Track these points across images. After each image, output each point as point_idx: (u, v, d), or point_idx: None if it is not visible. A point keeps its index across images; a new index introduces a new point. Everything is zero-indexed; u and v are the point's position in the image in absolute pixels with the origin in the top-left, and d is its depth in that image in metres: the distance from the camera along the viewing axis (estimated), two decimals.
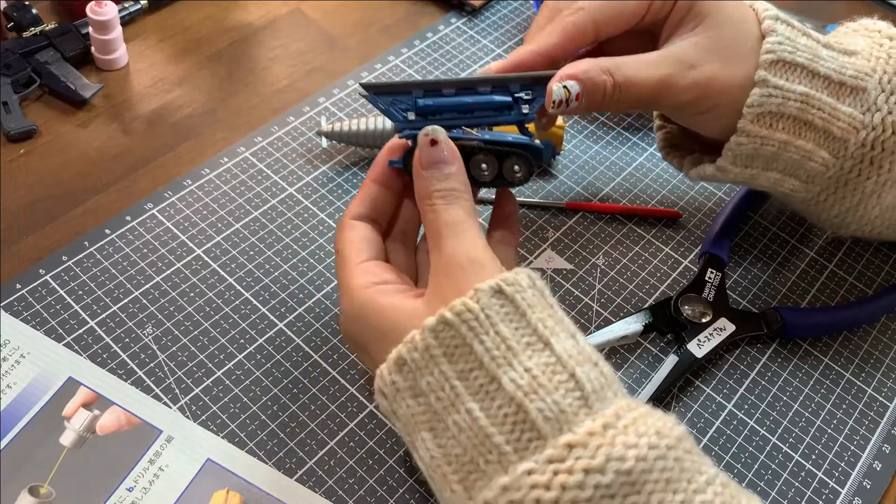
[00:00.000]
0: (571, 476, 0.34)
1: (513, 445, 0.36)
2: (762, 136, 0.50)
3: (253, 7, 0.76)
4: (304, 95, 0.69)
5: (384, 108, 0.46)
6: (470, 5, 0.77)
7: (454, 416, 0.37)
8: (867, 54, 0.52)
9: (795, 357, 0.57)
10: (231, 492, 0.47)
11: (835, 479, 0.51)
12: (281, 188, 0.63)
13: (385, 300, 0.42)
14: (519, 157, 0.46)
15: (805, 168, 0.52)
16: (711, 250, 0.59)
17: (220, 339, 0.54)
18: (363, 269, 0.44)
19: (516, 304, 0.39)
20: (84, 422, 0.49)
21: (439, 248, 0.41)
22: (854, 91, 0.51)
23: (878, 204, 0.54)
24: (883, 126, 0.51)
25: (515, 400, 0.36)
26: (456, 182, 0.43)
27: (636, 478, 0.35)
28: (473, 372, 0.37)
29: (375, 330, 0.42)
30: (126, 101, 0.67)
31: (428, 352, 0.38)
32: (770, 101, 0.49)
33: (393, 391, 0.39)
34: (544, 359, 0.38)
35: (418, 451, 0.39)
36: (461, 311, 0.38)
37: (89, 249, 0.57)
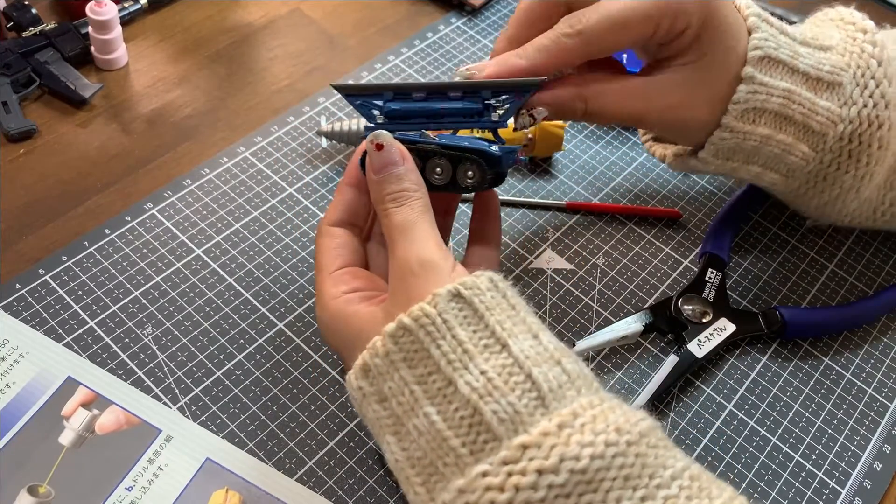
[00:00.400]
0: (524, 477, 0.35)
1: (469, 448, 0.36)
2: (745, 131, 0.50)
3: (253, 7, 0.76)
4: (303, 95, 0.69)
5: (357, 106, 0.46)
6: (470, 5, 0.77)
7: (413, 420, 0.38)
8: (842, 49, 0.53)
9: (796, 357, 0.57)
10: (230, 491, 0.47)
11: (835, 480, 0.51)
12: (281, 188, 0.62)
13: (350, 309, 0.43)
14: (473, 163, 0.46)
15: (785, 162, 0.53)
16: (711, 250, 0.59)
17: (219, 339, 0.54)
18: (335, 279, 0.44)
19: (474, 307, 0.39)
20: (83, 421, 0.49)
21: (393, 252, 0.42)
22: (831, 86, 0.51)
23: (857, 198, 0.55)
24: (860, 119, 0.52)
25: (471, 402, 0.37)
26: (407, 182, 0.43)
27: (591, 476, 0.35)
28: (432, 376, 0.38)
29: (345, 339, 0.43)
30: (126, 101, 0.67)
31: (388, 357, 0.39)
32: (755, 98, 0.49)
33: (360, 396, 0.41)
34: (501, 360, 0.38)
35: (385, 454, 0.40)
36: (419, 317, 0.39)
37: (89, 249, 0.57)
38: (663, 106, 0.49)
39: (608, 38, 0.46)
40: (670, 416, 0.53)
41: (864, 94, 0.52)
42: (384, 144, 0.43)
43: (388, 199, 0.43)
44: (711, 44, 0.48)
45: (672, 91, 0.49)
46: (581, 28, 0.46)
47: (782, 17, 0.80)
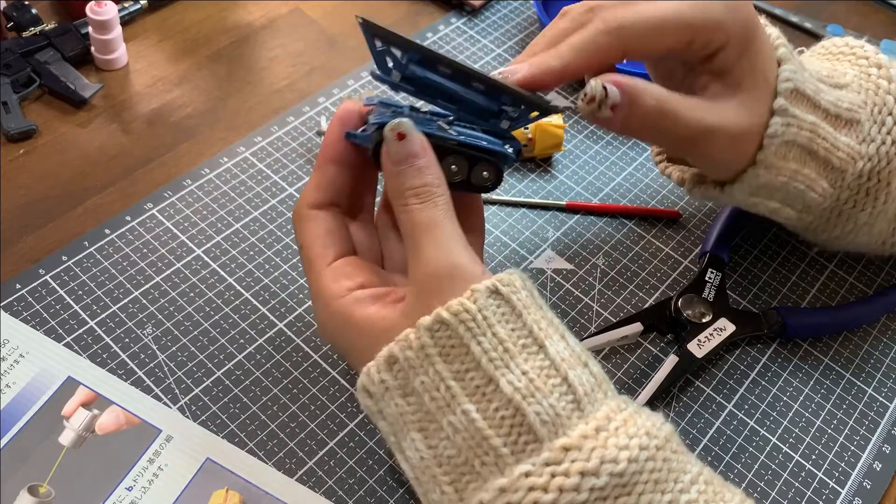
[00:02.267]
0: (568, 478, 0.35)
1: (510, 448, 0.36)
2: (778, 166, 0.49)
3: (253, 7, 0.76)
4: (303, 95, 0.69)
5: (376, 51, 0.42)
6: (470, 5, 0.77)
7: (449, 416, 0.37)
8: (857, 86, 0.52)
9: (795, 357, 0.57)
10: (230, 491, 0.47)
11: (835, 480, 0.51)
12: (281, 188, 0.62)
13: (362, 313, 0.40)
14: (490, 165, 0.44)
15: (804, 198, 0.51)
16: (712, 250, 0.59)
17: (219, 339, 0.54)
18: (335, 272, 0.42)
19: (512, 304, 0.38)
20: (83, 421, 0.49)
21: (417, 254, 0.40)
22: (849, 123, 0.51)
23: (868, 233, 0.55)
24: (878, 156, 0.51)
25: (513, 402, 0.36)
26: (430, 176, 0.40)
27: (627, 479, 0.35)
28: (469, 373, 0.37)
29: (354, 343, 0.41)
30: (126, 101, 0.67)
31: (423, 351, 0.38)
32: (789, 131, 0.48)
33: (381, 390, 0.39)
34: (539, 362, 0.37)
35: (405, 451, 0.39)
36: (458, 311, 0.37)
37: (89, 249, 0.57)
38: (732, 128, 0.46)
39: (644, 40, 0.44)
40: (670, 416, 0.53)
41: (882, 132, 0.51)
42: (406, 134, 0.41)
43: (409, 194, 0.40)
44: (752, 67, 0.46)
45: (735, 113, 0.46)
46: (616, 25, 0.43)
47: (782, 18, 0.80)
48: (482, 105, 0.44)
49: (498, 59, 0.74)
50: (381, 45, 0.42)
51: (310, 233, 0.43)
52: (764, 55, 0.47)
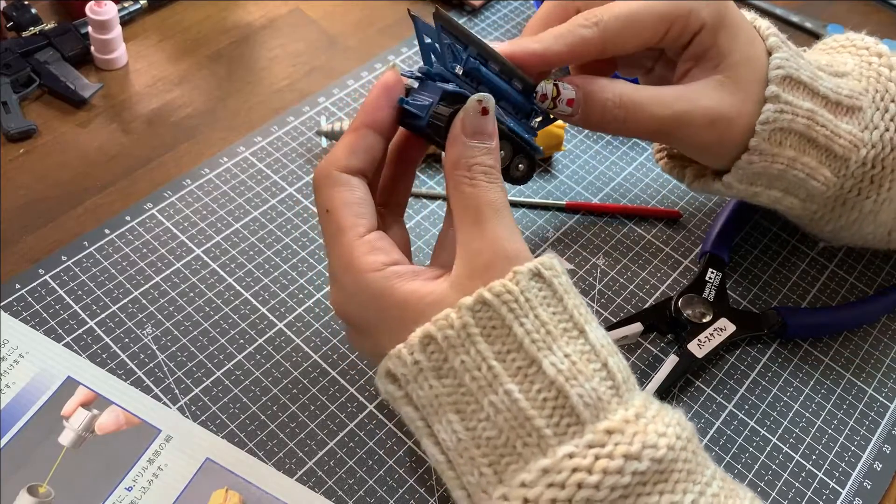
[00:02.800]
0: (612, 461, 0.35)
1: (552, 429, 0.36)
2: (773, 153, 0.49)
3: (253, 7, 0.76)
4: (303, 95, 0.69)
5: (442, 44, 0.41)
6: (470, 5, 0.77)
7: (491, 396, 0.37)
8: (857, 74, 0.52)
9: (796, 357, 0.57)
10: (230, 491, 0.47)
11: (835, 480, 0.51)
12: (281, 188, 0.62)
13: (405, 287, 0.39)
14: (526, 157, 0.45)
15: (806, 187, 0.52)
16: (712, 250, 0.59)
17: (219, 340, 0.54)
18: (369, 245, 0.40)
19: (554, 288, 0.38)
20: (83, 421, 0.49)
21: (483, 231, 0.39)
22: (851, 110, 0.51)
23: (874, 222, 0.54)
24: (882, 143, 0.51)
25: (556, 384, 0.36)
26: (496, 161, 0.40)
27: (665, 466, 0.36)
28: (511, 354, 0.37)
29: (389, 319, 0.39)
30: (125, 101, 0.67)
31: (465, 330, 0.37)
32: (782, 118, 0.48)
33: (415, 371, 0.38)
34: (579, 346, 0.38)
35: (439, 434, 0.38)
36: (501, 293, 0.37)
37: (89, 249, 0.57)
38: (704, 107, 0.47)
39: (624, 34, 0.46)
40: None
41: (886, 118, 0.51)
42: (489, 110, 0.40)
43: (478, 170, 0.40)
44: (729, 45, 0.47)
45: (708, 95, 0.47)
46: (597, 20, 0.45)
47: (783, 17, 0.80)
48: (521, 104, 0.45)
49: None
50: (448, 39, 0.42)
51: (340, 198, 0.41)
52: (742, 34, 0.48)
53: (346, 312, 0.42)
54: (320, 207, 0.42)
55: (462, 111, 0.40)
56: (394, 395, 0.39)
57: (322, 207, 0.41)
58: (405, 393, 0.39)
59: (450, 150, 0.40)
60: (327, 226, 0.41)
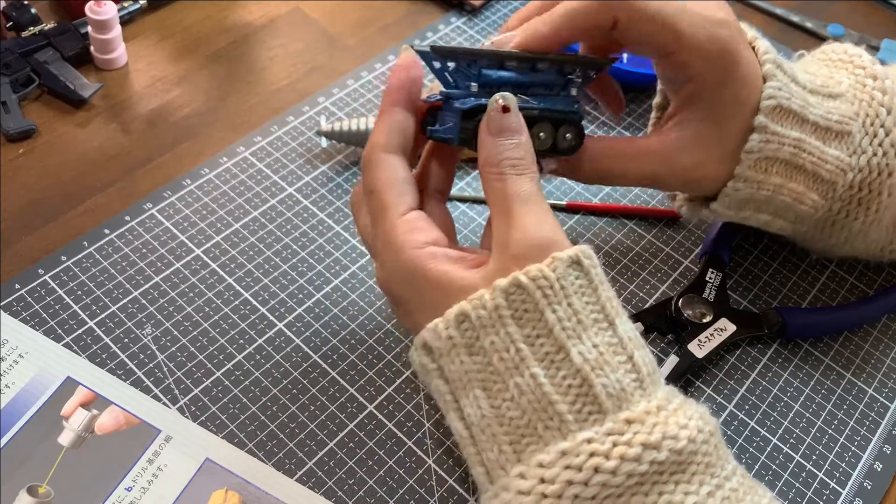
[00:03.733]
0: (630, 448, 0.36)
1: (574, 416, 0.37)
2: (758, 180, 0.50)
3: (253, 7, 0.76)
4: (303, 95, 0.69)
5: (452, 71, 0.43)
6: (470, 5, 0.77)
7: (517, 378, 0.37)
8: (851, 96, 0.52)
9: (796, 357, 0.57)
10: (230, 491, 0.47)
11: (835, 480, 0.51)
12: (280, 188, 0.62)
13: (439, 268, 0.40)
14: (570, 124, 0.46)
15: (795, 210, 0.52)
16: (712, 250, 0.59)
17: (219, 340, 0.54)
18: (409, 224, 0.42)
19: (590, 278, 0.39)
20: (83, 421, 0.49)
21: (511, 221, 0.40)
22: (840, 135, 0.51)
23: (864, 240, 0.55)
24: (869, 168, 0.51)
25: (581, 373, 0.37)
26: (526, 152, 0.42)
27: (684, 458, 0.37)
28: (540, 339, 0.38)
29: (424, 297, 0.41)
30: (125, 101, 0.67)
31: (497, 311, 0.38)
32: (767, 147, 0.49)
33: (448, 346, 0.39)
34: (608, 338, 0.38)
35: (465, 408, 0.39)
36: (536, 277, 0.38)
37: (88, 249, 0.57)
38: (680, 168, 0.50)
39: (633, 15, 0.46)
40: None
41: (874, 143, 0.51)
42: (510, 108, 0.42)
43: (506, 164, 0.41)
44: (724, 97, 0.48)
45: (689, 151, 0.49)
46: None
47: (783, 17, 0.80)
48: (552, 81, 0.46)
49: None
50: (452, 68, 0.44)
51: (384, 177, 0.43)
52: (744, 81, 0.48)
53: (388, 288, 0.43)
54: (366, 188, 0.44)
55: (486, 114, 0.42)
56: (427, 367, 0.40)
57: (367, 188, 0.44)
58: (438, 366, 0.40)
59: (481, 151, 0.42)
60: (372, 205, 0.43)
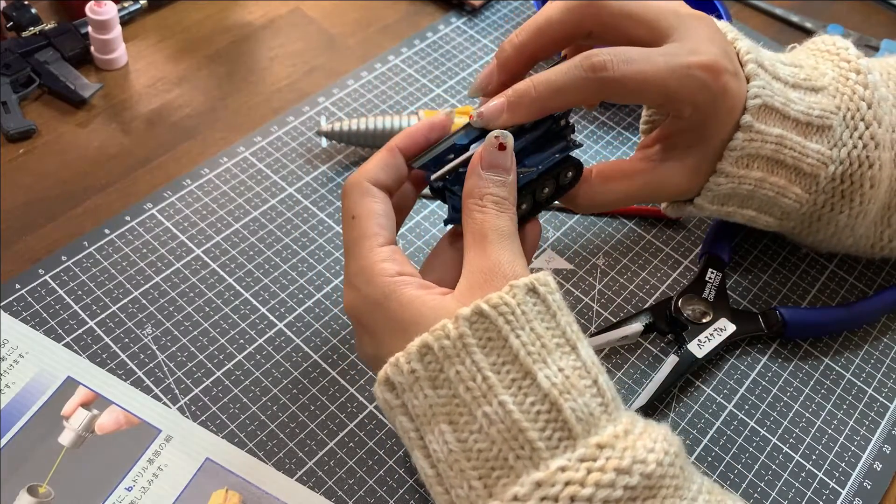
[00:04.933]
0: (605, 475, 0.35)
1: (545, 443, 0.36)
2: (739, 175, 0.50)
3: (253, 7, 0.76)
4: (303, 95, 0.69)
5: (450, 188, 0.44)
6: (470, 5, 0.77)
7: (485, 407, 0.37)
8: (833, 90, 0.53)
9: (796, 357, 0.57)
10: (230, 491, 0.47)
11: (835, 480, 0.51)
12: (281, 188, 0.62)
13: (410, 293, 0.40)
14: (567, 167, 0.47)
15: (779, 205, 0.53)
16: (712, 250, 0.59)
17: (219, 340, 0.54)
18: (385, 254, 0.42)
19: (548, 304, 0.39)
20: (83, 421, 0.49)
21: (483, 251, 0.41)
22: (821, 129, 0.52)
23: (852, 235, 0.55)
24: (850, 160, 0.52)
25: (549, 397, 0.37)
26: (510, 192, 0.42)
27: (654, 482, 0.36)
28: (506, 366, 0.37)
29: (394, 321, 0.40)
30: (125, 101, 0.67)
31: (461, 340, 0.38)
32: (751, 145, 0.50)
33: (411, 380, 0.38)
34: (572, 361, 0.38)
35: (430, 445, 0.38)
36: (498, 304, 0.38)
37: (89, 249, 0.57)
38: (671, 189, 0.51)
39: (622, 92, 0.46)
40: (670, 417, 0.53)
41: (854, 136, 0.52)
42: (506, 146, 0.43)
43: (489, 198, 0.42)
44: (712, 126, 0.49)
45: (678, 175, 0.50)
46: (605, 77, 0.44)
47: (782, 17, 0.80)
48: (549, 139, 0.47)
49: None
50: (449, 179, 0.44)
51: (369, 207, 0.43)
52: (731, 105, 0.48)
53: (357, 313, 0.43)
54: (347, 213, 0.43)
55: (482, 146, 0.43)
56: (391, 404, 0.40)
57: (349, 213, 0.43)
58: (402, 402, 0.39)
59: (467, 181, 0.43)
60: (351, 230, 0.43)
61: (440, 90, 0.70)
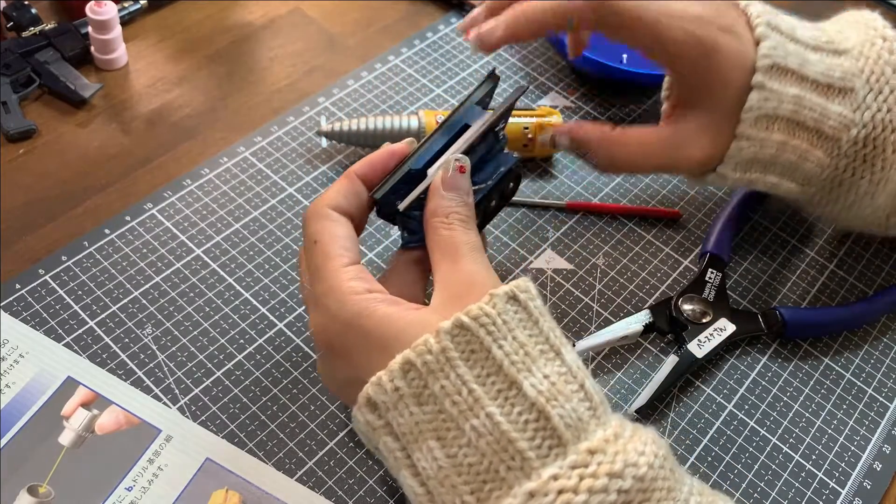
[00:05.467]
0: (597, 480, 0.35)
1: (535, 452, 0.36)
2: (760, 138, 0.50)
3: (253, 7, 0.76)
4: (303, 95, 0.69)
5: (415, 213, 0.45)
6: (470, 5, 0.77)
7: (472, 420, 0.36)
8: (857, 53, 0.53)
9: (796, 357, 0.57)
10: (230, 491, 0.47)
11: (835, 480, 0.51)
12: (281, 188, 0.62)
13: (384, 309, 0.40)
14: (509, 179, 0.49)
15: (802, 169, 0.53)
16: (712, 250, 0.59)
17: (219, 340, 0.54)
18: (351, 274, 0.41)
19: (529, 311, 0.39)
20: (83, 421, 0.49)
21: (456, 264, 0.41)
22: (842, 92, 0.52)
23: (871, 204, 0.55)
24: (873, 123, 0.52)
25: (537, 406, 0.36)
26: (471, 211, 0.43)
27: (647, 485, 0.36)
28: (491, 377, 0.37)
29: (372, 339, 0.39)
30: (125, 101, 0.67)
31: (444, 354, 0.37)
32: (767, 105, 0.50)
33: (395, 398, 0.38)
34: (556, 367, 0.38)
35: (418, 463, 0.38)
36: (478, 315, 0.37)
37: (89, 249, 0.57)
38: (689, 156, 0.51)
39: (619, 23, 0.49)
40: (670, 417, 0.53)
41: (879, 100, 0.52)
42: (466, 170, 0.44)
43: (455, 216, 0.43)
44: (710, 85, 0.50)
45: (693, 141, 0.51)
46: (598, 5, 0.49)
47: None
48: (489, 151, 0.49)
49: (497, 58, 0.74)
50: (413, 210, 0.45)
51: (330, 231, 0.43)
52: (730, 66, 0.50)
53: (327, 336, 0.42)
54: (308, 239, 0.43)
55: (442, 169, 0.44)
56: (373, 425, 0.39)
57: (310, 239, 0.43)
58: (385, 422, 0.39)
59: (430, 202, 0.43)
60: (314, 256, 0.43)
61: (440, 90, 0.70)
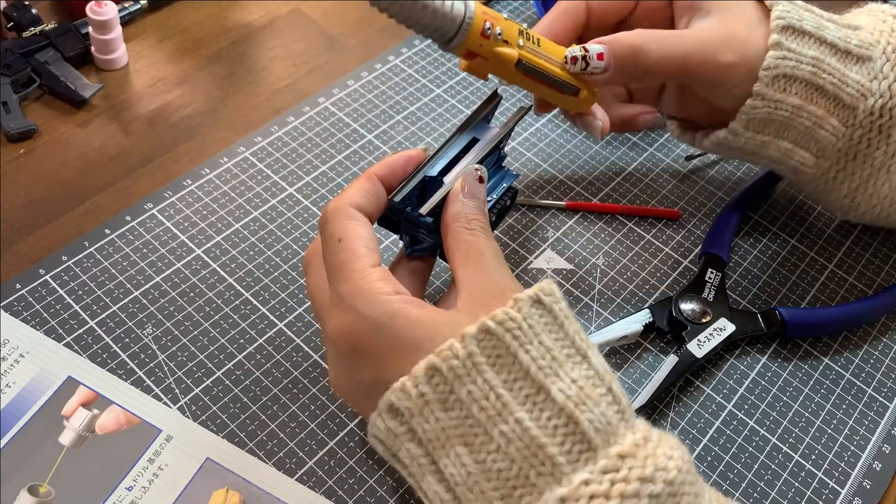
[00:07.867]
0: (628, 485, 0.35)
1: (565, 457, 0.35)
2: (776, 99, 0.51)
3: (253, 7, 0.76)
4: (303, 95, 0.69)
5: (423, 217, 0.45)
6: None
7: (501, 426, 0.36)
8: (871, 28, 0.53)
9: (795, 357, 0.57)
10: (230, 491, 0.47)
11: (835, 480, 0.51)
12: (281, 188, 0.63)
13: (417, 311, 0.39)
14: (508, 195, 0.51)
15: (816, 137, 0.53)
16: (711, 250, 0.59)
17: (219, 339, 0.54)
18: (379, 274, 0.41)
19: (554, 314, 0.39)
20: (83, 421, 0.49)
21: (483, 267, 0.41)
22: (860, 60, 0.52)
23: (888, 180, 0.54)
24: (890, 93, 0.52)
25: (566, 411, 0.36)
26: (488, 221, 0.44)
27: (676, 489, 0.36)
28: (518, 382, 0.37)
29: (405, 340, 0.39)
30: (126, 101, 0.67)
31: (471, 359, 0.37)
32: (784, 64, 0.50)
33: (420, 404, 0.37)
34: (584, 371, 0.38)
35: (447, 469, 0.37)
36: (504, 320, 0.37)
37: (89, 249, 0.57)
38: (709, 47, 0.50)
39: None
40: (670, 416, 0.53)
41: (895, 70, 0.52)
42: (484, 179, 0.45)
43: (476, 223, 0.43)
44: None
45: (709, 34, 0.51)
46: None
47: None
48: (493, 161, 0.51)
49: None
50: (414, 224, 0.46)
51: (355, 230, 0.42)
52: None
53: (354, 337, 0.40)
54: (331, 237, 0.42)
55: (462, 177, 0.45)
56: (395, 432, 0.38)
57: (334, 237, 0.42)
58: (408, 428, 0.38)
59: (450, 207, 0.44)
60: (337, 253, 0.41)
61: (440, 90, 0.70)
